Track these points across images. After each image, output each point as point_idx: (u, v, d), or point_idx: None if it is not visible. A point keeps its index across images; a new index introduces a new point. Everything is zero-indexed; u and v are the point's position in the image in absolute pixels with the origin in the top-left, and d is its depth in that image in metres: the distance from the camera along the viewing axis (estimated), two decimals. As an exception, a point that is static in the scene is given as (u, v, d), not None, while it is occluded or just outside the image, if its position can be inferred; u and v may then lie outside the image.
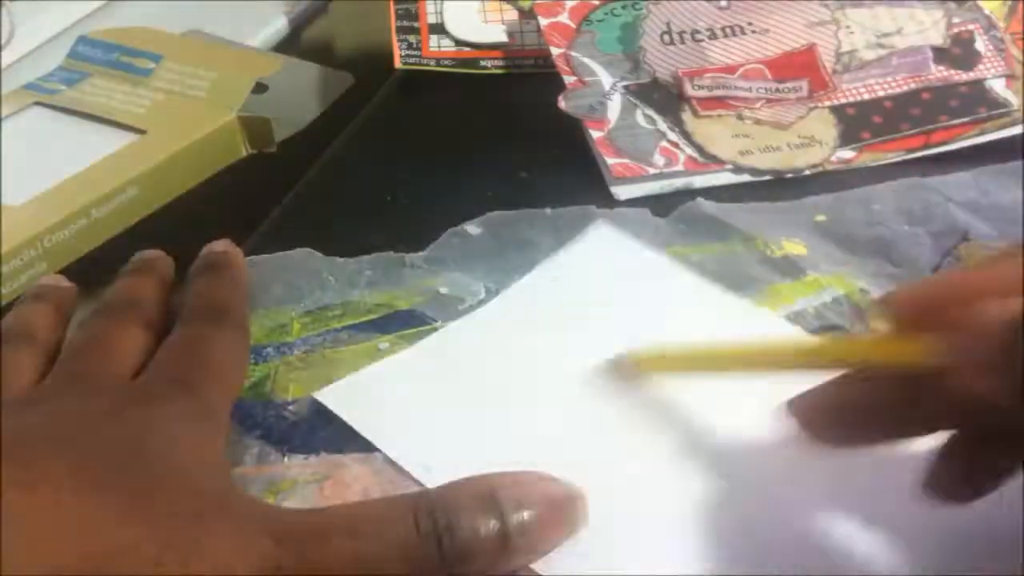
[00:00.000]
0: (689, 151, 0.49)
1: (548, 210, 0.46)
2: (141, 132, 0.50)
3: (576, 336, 0.40)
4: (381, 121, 0.54)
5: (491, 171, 0.49)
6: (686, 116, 0.50)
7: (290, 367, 0.39)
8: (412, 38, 0.55)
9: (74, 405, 0.32)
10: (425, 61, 0.55)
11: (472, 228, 0.45)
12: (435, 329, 0.41)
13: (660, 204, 0.46)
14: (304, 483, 0.35)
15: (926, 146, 0.49)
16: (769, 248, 0.44)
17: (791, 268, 0.43)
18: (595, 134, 0.49)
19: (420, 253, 0.44)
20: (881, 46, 0.52)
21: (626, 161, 0.48)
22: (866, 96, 0.51)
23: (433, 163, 0.50)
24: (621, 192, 0.47)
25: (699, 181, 0.48)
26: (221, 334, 0.37)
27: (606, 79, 0.51)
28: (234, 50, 0.58)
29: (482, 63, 0.55)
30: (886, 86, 0.51)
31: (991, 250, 0.43)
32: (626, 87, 0.51)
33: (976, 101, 0.51)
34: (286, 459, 0.36)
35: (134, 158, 0.48)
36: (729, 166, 0.48)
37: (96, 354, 0.36)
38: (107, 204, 0.46)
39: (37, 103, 0.53)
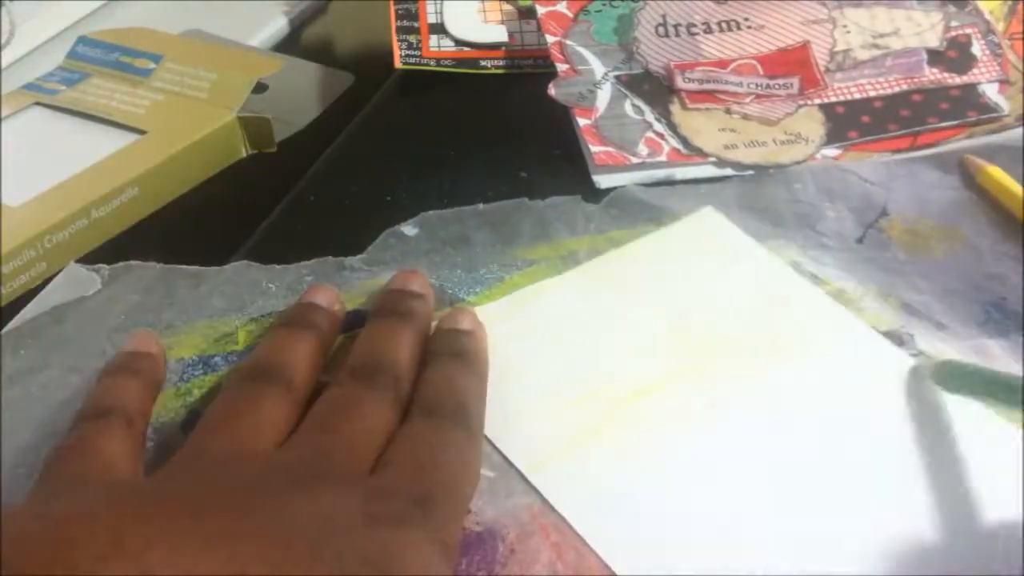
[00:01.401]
0: (674, 143, 0.49)
1: (480, 206, 0.46)
2: (141, 132, 0.50)
3: (654, 312, 0.41)
4: (381, 121, 0.54)
5: (491, 171, 0.49)
6: (674, 108, 0.50)
7: None
8: (412, 38, 0.55)
9: (329, 502, 0.30)
10: (425, 61, 0.55)
11: (408, 229, 0.45)
12: None
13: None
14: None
15: (912, 147, 0.49)
16: None
17: None
18: (582, 122, 0.49)
19: (358, 256, 0.44)
20: (876, 47, 0.52)
21: (610, 150, 0.48)
22: (857, 95, 0.51)
23: (433, 163, 0.50)
24: (603, 180, 0.48)
25: (681, 173, 0.48)
26: (462, 442, 0.34)
27: (598, 68, 0.51)
28: (234, 50, 0.58)
29: (482, 63, 0.55)
30: (878, 86, 0.51)
31: (910, 223, 0.45)
32: (617, 77, 0.51)
33: (967, 105, 0.51)
34: None
35: (134, 158, 0.48)
36: (712, 159, 0.48)
37: (346, 430, 0.34)
38: (107, 204, 0.46)
39: (37, 103, 0.53)
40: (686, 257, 0.44)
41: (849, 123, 0.50)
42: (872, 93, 0.51)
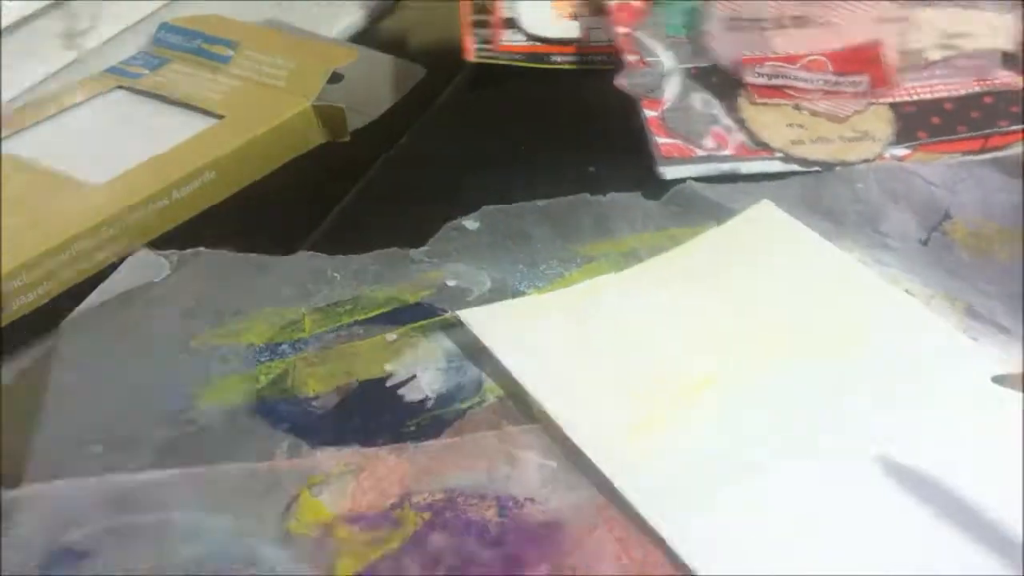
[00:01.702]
0: (741, 137, 0.49)
1: (540, 202, 0.47)
2: (219, 117, 0.52)
3: (719, 306, 0.42)
4: (452, 113, 0.55)
5: (558, 165, 0.49)
6: (742, 102, 0.51)
7: (307, 363, 0.40)
8: (485, 32, 0.56)
9: None
10: (497, 55, 0.56)
11: (469, 223, 0.46)
12: (446, 320, 0.41)
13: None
14: (338, 475, 0.35)
15: (983, 150, 0.49)
16: None
17: None
18: (649, 113, 0.50)
19: (422, 248, 0.44)
20: (949, 47, 0.52)
21: (676, 142, 0.49)
22: (927, 96, 0.51)
23: (501, 156, 0.50)
24: (668, 172, 0.48)
25: (746, 167, 0.49)
26: None
27: (667, 60, 0.52)
28: (311, 40, 0.59)
29: (553, 58, 0.56)
30: (949, 87, 0.51)
31: (975, 227, 0.45)
32: (686, 70, 0.52)
33: None
34: (317, 452, 0.36)
35: (212, 142, 0.50)
36: (779, 155, 0.49)
37: None
38: (185, 186, 0.47)
39: (120, 87, 0.55)
40: (745, 251, 0.44)
41: (918, 123, 0.50)
42: (943, 94, 0.51)
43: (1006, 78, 0.51)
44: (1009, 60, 0.52)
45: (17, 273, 0.42)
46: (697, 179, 0.48)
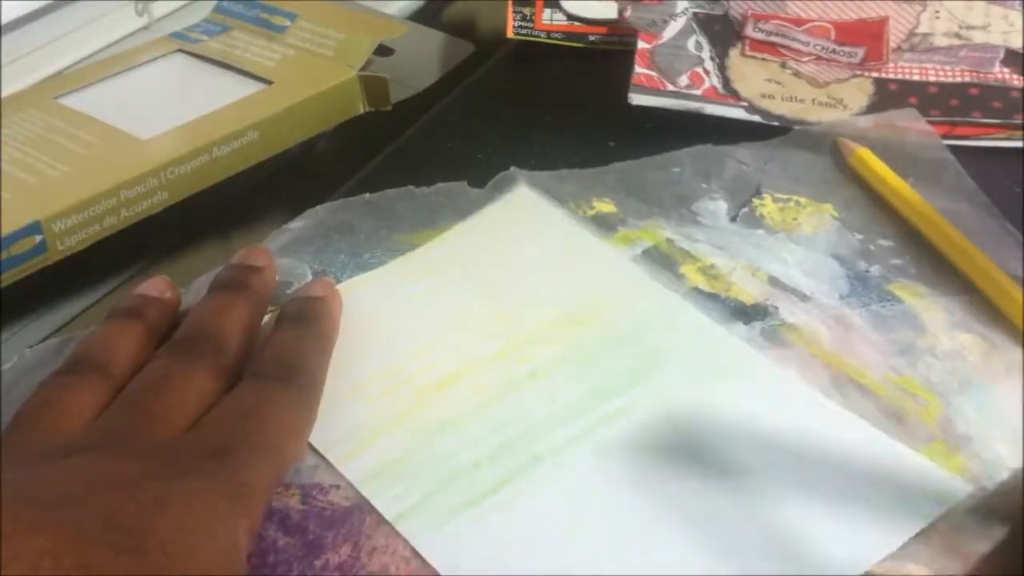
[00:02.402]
0: (714, 80, 0.51)
1: (367, 195, 0.48)
2: (268, 83, 0.54)
3: (468, 293, 0.43)
4: (487, 87, 0.57)
5: (582, 139, 0.51)
6: (733, 52, 0.53)
7: None
8: (527, 10, 0.58)
9: (101, 466, 0.30)
10: (536, 33, 0.58)
11: (294, 223, 0.47)
12: None
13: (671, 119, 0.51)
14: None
15: (946, 136, 0.50)
16: (582, 209, 0.47)
17: (604, 225, 0.46)
18: (641, 45, 0.52)
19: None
20: (959, 36, 0.53)
21: (653, 74, 0.51)
22: (916, 77, 0.52)
23: (529, 128, 0.52)
24: (636, 99, 0.51)
25: (710, 109, 0.51)
26: (286, 398, 0.35)
27: (681, 1, 0.54)
28: (363, 14, 0.62)
29: (590, 38, 0.58)
30: (941, 73, 0.52)
31: (782, 202, 0.47)
32: (695, 13, 0.54)
33: (1018, 108, 0.51)
34: None
35: (258, 105, 0.52)
36: (744, 104, 0.50)
37: (154, 402, 0.34)
38: (229, 144, 0.50)
39: (180, 50, 0.58)
40: (499, 237, 0.46)
41: (895, 101, 0.51)
42: (932, 78, 0.52)
43: (1002, 74, 0.52)
44: (1012, 58, 0.52)
45: (65, 214, 0.45)
46: (663, 111, 0.51)
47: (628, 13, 0.53)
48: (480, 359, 0.40)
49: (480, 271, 0.44)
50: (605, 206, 0.47)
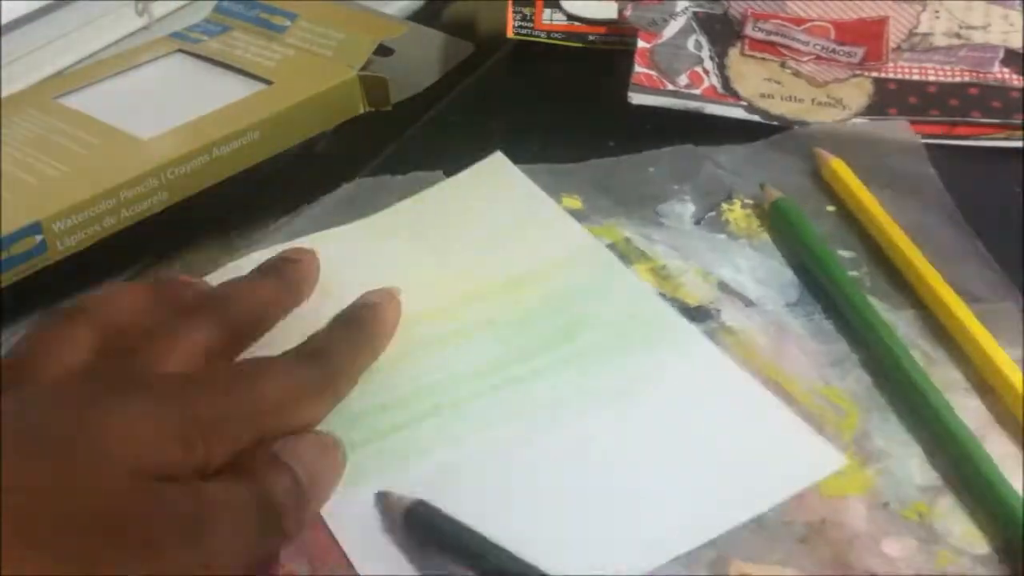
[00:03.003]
0: (714, 80, 0.51)
1: (346, 184, 0.49)
2: (268, 83, 0.54)
3: (427, 256, 0.45)
4: (488, 87, 0.57)
5: (581, 138, 0.51)
6: (732, 51, 0.53)
7: None
8: (527, 10, 0.58)
9: (64, 396, 0.30)
10: (536, 33, 0.58)
11: (279, 221, 0.48)
12: None
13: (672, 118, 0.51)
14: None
15: (945, 136, 0.50)
16: None
17: None
18: (641, 44, 0.52)
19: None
20: (959, 36, 0.53)
21: (653, 73, 0.51)
22: (915, 77, 0.52)
23: (529, 128, 0.52)
24: (635, 98, 0.51)
25: (711, 109, 0.51)
26: (292, 369, 0.35)
27: (681, 1, 0.54)
28: (364, 14, 0.62)
29: (590, 38, 0.58)
30: (940, 73, 0.52)
31: (749, 207, 0.47)
32: (695, 13, 0.54)
33: (1017, 108, 0.51)
34: None
35: (258, 105, 0.52)
36: (744, 104, 0.51)
37: (145, 346, 0.34)
38: (229, 144, 0.50)
39: (180, 50, 0.58)
40: (463, 201, 0.47)
41: (894, 100, 0.51)
42: (931, 78, 0.52)
43: (1001, 74, 0.52)
44: (1011, 58, 0.52)
45: (65, 214, 0.45)
46: (663, 110, 0.51)
47: (628, 12, 0.53)
48: (416, 315, 0.41)
49: (437, 232, 0.46)
50: (572, 202, 0.48)
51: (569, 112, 0.54)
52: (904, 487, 0.35)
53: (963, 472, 0.35)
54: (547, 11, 0.58)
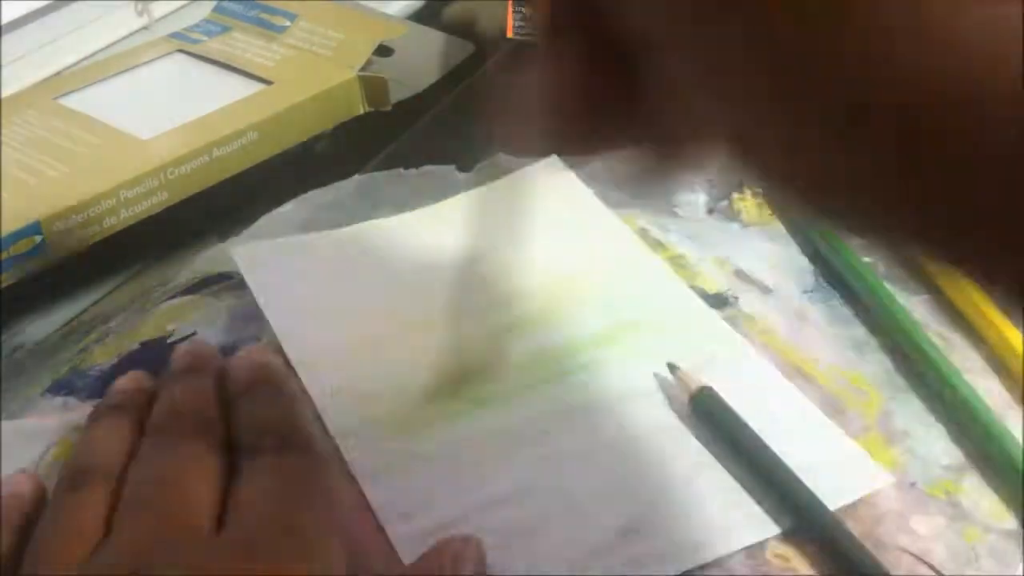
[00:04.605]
0: None
1: (357, 176, 0.49)
2: (268, 83, 0.54)
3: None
4: (487, 87, 0.57)
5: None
6: None
7: (104, 345, 0.41)
8: (527, 10, 0.58)
9: None
10: (535, 33, 0.57)
11: (284, 208, 0.48)
12: (238, 283, 0.43)
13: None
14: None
15: None
16: None
17: None
18: None
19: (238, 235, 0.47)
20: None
21: None
22: None
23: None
24: None
25: None
26: (302, 469, 0.33)
27: None
28: (363, 14, 0.62)
29: (589, 38, 0.58)
30: None
31: (760, 197, 0.48)
32: None
33: None
34: (87, 405, 0.37)
35: (258, 105, 0.52)
36: None
37: (170, 502, 0.31)
38: (228, 145, 0.50)
39: (180, 51, 0.58)
40: (519, 201, 0.46)
41: None
42: None
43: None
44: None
45: (65, 214, 0.45)
46: None
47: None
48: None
49: (487, 229, 0.45)
50: None
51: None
52: (930, 466, 0.36)
53: (987, 450, 0.36)
54: (547, 11, 0.58)
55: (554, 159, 0.48)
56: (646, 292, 0.42)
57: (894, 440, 0.37)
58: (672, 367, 0.38)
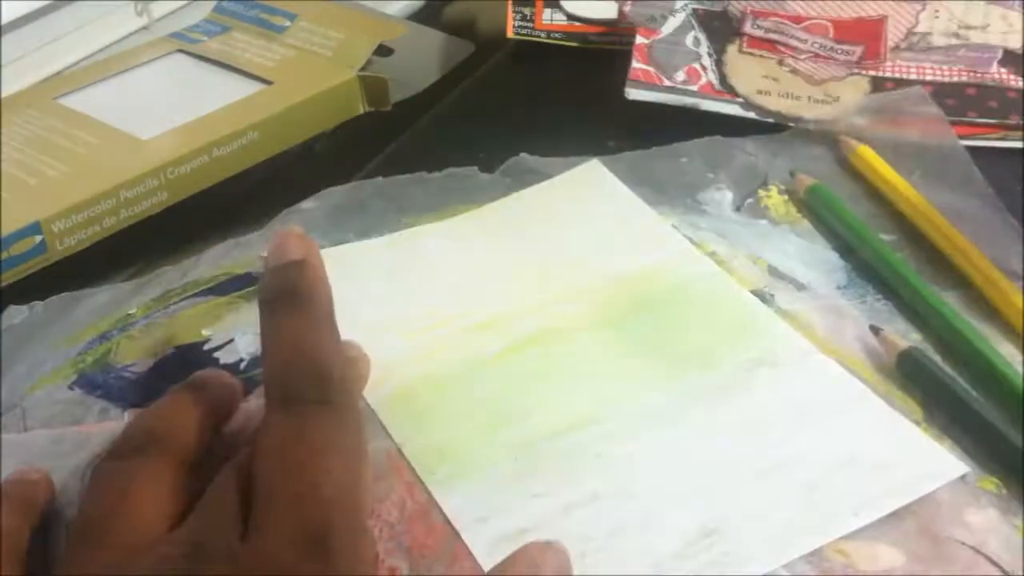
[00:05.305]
0: (711, 76, 0.52)
1: (380, 179, 0.49)
2: (268, 83, 0.54)
3: (520, 254, 0.44)
4: (487, 87, 0.57)
5: (581, 137, 0.51)
6: (731, 48, 0.53)
7: (131, 339, 0.40)
8: (527, 10, 0.58)
9: None
10: (536, 33, 0.58)
11: (307, 204, 0.47)
12: None
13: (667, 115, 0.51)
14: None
15: None
16: None
17: None
18: (639, 40, 0.53)
19: (256, 232, 0.46)
20: (958, 36, 0.53)
21: (650, 69, 0.52)
22: (913, 76, 0.52)
23: (529, 128, 0.52)
24: (632, 93, 0.51)
25: (707, 105, 0.51)
26: (339, 417, 0.30)
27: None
28: (363, 14, 0.62)
29: (591, 38, 0.58)
30: (938, 72, 0.52)
31: (785, 193, 0.48)
32: (694, 10, 0.54)
33: (1015, 108, 0.51)
34: (126, 414, 0.37)
35: (258, 106, 0.52)
36: (740, 100, 0.51)
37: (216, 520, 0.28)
38: (228, 145, 0.50)
39: (180, 51, 0.58)
40: (565, 205, 0.47)
41: None
42: (928, 77, 0.52)
43: (999, 74, 0.52)
44: (1010, 58, 0.52)
45: (65, 214, 0.45)
46: (663, 110, 0.51)
47: (628, 8, 0.53)
48: (517, 312, 0.41)
49: (536, 232, 0.45)
50: None
51: (568, 112, 0.54)
52: (980, 460, 0.36)
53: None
54: (547, 11, 0.58)
55: (594, 162, 0.49)
56: (697, 293, 0.42)
57: (943, 434, 0.36)
58: (875, 329, 0.39)
